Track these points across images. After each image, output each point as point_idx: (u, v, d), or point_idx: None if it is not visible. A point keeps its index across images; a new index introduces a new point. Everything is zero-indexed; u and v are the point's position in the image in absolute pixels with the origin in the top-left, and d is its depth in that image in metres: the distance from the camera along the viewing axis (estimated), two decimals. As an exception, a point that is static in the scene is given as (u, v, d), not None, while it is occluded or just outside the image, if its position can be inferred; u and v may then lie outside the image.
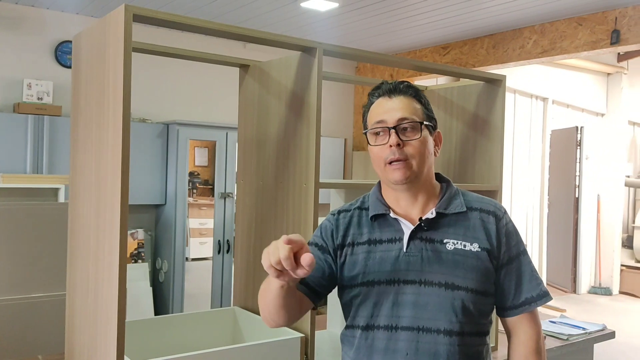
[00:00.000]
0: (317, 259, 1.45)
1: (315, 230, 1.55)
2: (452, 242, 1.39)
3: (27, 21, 4.66)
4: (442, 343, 1.34)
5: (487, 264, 1.39)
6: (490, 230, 1.41)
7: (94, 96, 1.74)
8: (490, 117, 2.48)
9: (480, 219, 1.42)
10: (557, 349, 2.60)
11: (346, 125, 6.56)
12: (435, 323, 1.35)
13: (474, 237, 1.40)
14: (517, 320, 1.45)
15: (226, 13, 4.70)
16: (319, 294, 1.45)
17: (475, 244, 1.39)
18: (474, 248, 1.38)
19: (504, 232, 1.42)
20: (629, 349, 5.59)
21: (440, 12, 4.61)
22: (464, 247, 1.38)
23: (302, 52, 1.95)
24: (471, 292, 1.36)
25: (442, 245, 1.39)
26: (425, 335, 1.35)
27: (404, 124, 1.39)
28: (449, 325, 1.35)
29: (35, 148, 4.37)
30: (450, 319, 1.35)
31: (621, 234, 8.51)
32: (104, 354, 1.64)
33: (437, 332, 1.35)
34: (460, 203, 1.44)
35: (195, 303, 5.15)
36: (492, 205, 1.47)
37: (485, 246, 1.39)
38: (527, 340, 1.43)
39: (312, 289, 1.44)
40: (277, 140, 2.10)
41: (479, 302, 1.37)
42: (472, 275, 1.37)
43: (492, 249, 1.40)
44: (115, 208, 1.56)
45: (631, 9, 4.27)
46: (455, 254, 1.38)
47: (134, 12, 1.51)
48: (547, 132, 7.85)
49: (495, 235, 1.41)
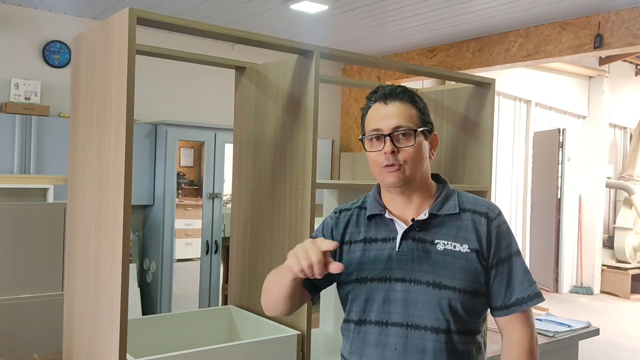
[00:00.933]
0: None
1: (318, 226, 1.62)
2: (442, 243, 1.43)
3: (15, 20, 4.64)
4: (430, 340, 1.39)
5: (476, 265, 1.42)
6: (481, 231, 1.44)
7: (94, 97, 1.76)
8: (480, 120, 2.53)
9: (472, 220, 1.46)
10: (543, 345, 2.66)
11: (334, 127, 6.60)
12: (423, 320, 1.40)
13: (465, 238, 1.44)
14: (508, 320, 1.47)
15: (215, 14, 4.71)
16: (318, 288, 1.55)
17: (465, 244, 1.43)
18: (464, 249, 1.42)
19: (495, 233, 1.45)
20: (610, 347, 5.71)
21: (427, 15, 4.67)
22: (454, 247, 1.43)
23: (299, 55, 1.99)
24: (459, 292, 1.40)
25: (433, 246, 1.43)
26: (414, 332, 1.40)
27: (398, 131, 1.43)
28: (436, 323, 1.39)
29: (23, 148, 4.35)
30: (437, 317, 1.39)
31: (602, 234, 8.66)
32: (105, 353, 1.66)
33: (424, 329, 1.39)
34: (453, 205, 1.48)
35: (183, 304, 5.15)
36: (486, 206, 1.50)
37: (474, 247, 1.43)
38: (520, 341, 1.46)
39: (312, 283, 1.51)
40: (273, 141, 2.13)
41: (467, 301, 1.41)
42: (460, 275, 1.40)
43: (482, 250, 1.43)
44: (118, 209, 1.58)
45: (614, 13, 4.37)
46: (445, 255, 1.42)
47: (138, 15, 1.54)
48: (530, 134, 7.97)
49: (486, 236, 1.44)
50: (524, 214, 7.94)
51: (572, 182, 8.43)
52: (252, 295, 2.24)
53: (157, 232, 4.93)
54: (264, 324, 2.12)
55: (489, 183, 2.50)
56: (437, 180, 1.55)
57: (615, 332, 6.21)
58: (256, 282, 2.22)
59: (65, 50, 4.81)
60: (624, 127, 9.41)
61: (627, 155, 9.07)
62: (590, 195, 8.48)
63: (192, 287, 5.20)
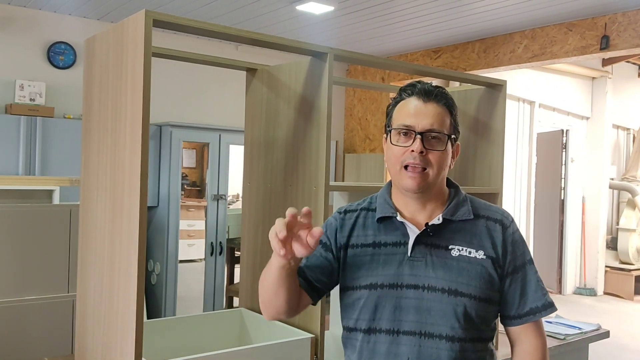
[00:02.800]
0: (318, 255, 1.47)
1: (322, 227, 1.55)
2: (457, 249, 1.39)
3: (20, 22, 4.63)
4: (444, 349, 1.35)
5: (492, 272, 1.39)
6: (497, 238, 1.41)
7: (109, 99, 1.75)
8: (491, 121, 2.53)
9: (487, 227, 1.43)
10: (554, 348, 2.65)
11: (337, 128, 6.59)
12: (438, 328, 1.35)
13: (480, 244, 1.40)
14: (521, 329, 1.44)
15: (220, 15, 4.71)
16: (318, 291, 1.46)
17: (481, 251, 1.39)
18: (479, 255, 1.39)
19: (510, 241, 1.42)
20: (615, 348, 5.69)
21: (432, 16, 4.67)
22: (469, 254, 1.39)
23: (312, 57, 1.98)
24: (474, 299, 1.36)
25: (447, 252, 1.39)
26: (428, 341, 1.35)
27: (432, 133, 1.38)
28: (451, 331, 1.35)
29: (28, 149, 4.33)
30: (452, 325, 1.35)
31: (605, 235, 8.65)
32: (120, 356, 1.65)
33: (439, 338, 1.35)
34: (467, 210, 1.44)
35: (188, 306, 5.13)
36: (500, 213, 1.47)
37: (490, 254, 1.40)
38: (533, 351, 1.43)
39: (312, 285, 1.45)
40: (285, 143, 2.12)
41: (481, 309, 1.38)
42: (476, 282, 1.37)
43: (497, 258, 1.40)
44: (133, 211, 1.57)
45: (621, 15, 4.37)
46: (460, 261, 1.38)
47: (154, 17, 1.53)
48: (534, 135, 7.96)
49: (502, 243, 1.41)
50: (527, 215, 7.93)
51: (576, 183, 8.41)
52: (264, 297, 2.22)
53: (162, 233, 4.91)
54: (275, 326, 2.10)
55: (500, 185, 2.49)
56: (448, 184, 1.51)
57: (620, 333, 6.19)
58: (268, 285, 2.20)
59: (70, 51, 4.80)
60: (627, 128, 9.40)
61: (630, 157, 9.06)
62: (594, 196, 8.47)
63: (196, 289, 5.18)
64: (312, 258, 1.47)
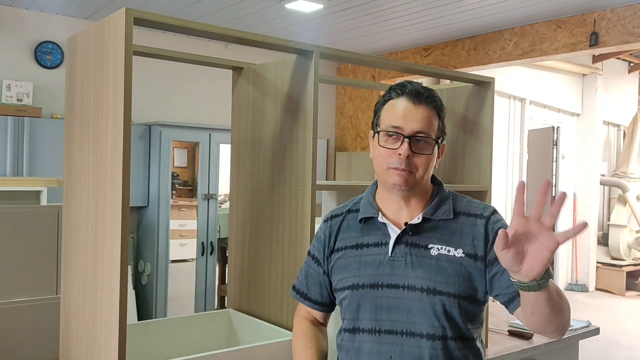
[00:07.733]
0: (315, 273, 1.56)
1: (313, 239, 1.61)
2: (436, 248, 1.40)
3: (6, 21, 4.58)
4: (426, 347, 1.35)
5: (472, 270, 1.38)
6: (477, 232, 1.41)
7: (91, 99, 1.73)
8: (479, 119, 2.51)
9: (467, 224, 1.43)
10: (544, 345, 2.64)
11: (328, 126, 6.58)
12: (418, 327, 1.36)
13: (459, 242, 1.40)
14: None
15: (209, 14, 4.68)
16: (332, 302, 1.58)
17: (460, 249, 1.39)
18: (458, 254, 1.39)
19: (491, 229, 1.40)
20: (606, 343, 5.71)
21: (422, 14, 4.66)
22: (448, 252, 1.39)
23: (298, 55, 1.96)
24: (453, 297, 1.36)
25: (427, 251, 1.40)
26: (409, 339, 1.36)
27: (419, 136, 1.38)
28: (432, 330, 1.36)
29: (15, 150, 4.30)
30: (432, 324, 1.36)
31: (597, 231, 8.69)
32: (104, 358, 1.62)
33: (420, 336, 1.36)
34: (448, 209, 1.44)
35: (179, 306, 5.11)
36: (480, 207, 1.47)
37: (469, 251, 1.39)
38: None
39: (324, 304, 1.57)
40: (272, 142, 2.10)
41: (463, 307, 1.37)
42: (454, 280, 1.37)
43: (478, 252, 1.39)
44: (116, 211, 1.55)
45: (610, 11, 4.37)
46: (439, 260, 1.38)
47: (134, 15, 1.51)
48: (525, 132, 7.97)
49: (483, 235, 1.40)
50: (518, 212, 7.93)
51: (567, 180, 8.44)
52: (252, 298, 2.21)
53: (152, 233, 4.88)
54: (263, 327, 2.09)
55: (489, 183, 2.47)
56: (432, 181, 1.51)
57: (611, 328, 6.22)
58: (255, 285, 2.19)
59: (57, 50, 4.76)
60: (618, 124, 9.44)
61: (621, 153, 9.10)
62: (585, 192, 8.50)
63: (187, 289, 5.16)
64: (310, 277, 1.57)
